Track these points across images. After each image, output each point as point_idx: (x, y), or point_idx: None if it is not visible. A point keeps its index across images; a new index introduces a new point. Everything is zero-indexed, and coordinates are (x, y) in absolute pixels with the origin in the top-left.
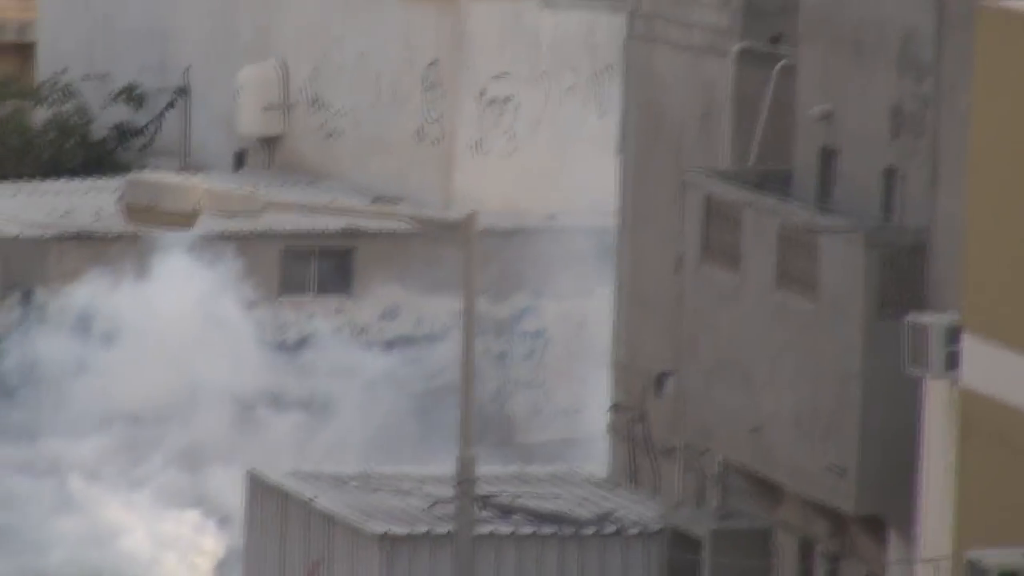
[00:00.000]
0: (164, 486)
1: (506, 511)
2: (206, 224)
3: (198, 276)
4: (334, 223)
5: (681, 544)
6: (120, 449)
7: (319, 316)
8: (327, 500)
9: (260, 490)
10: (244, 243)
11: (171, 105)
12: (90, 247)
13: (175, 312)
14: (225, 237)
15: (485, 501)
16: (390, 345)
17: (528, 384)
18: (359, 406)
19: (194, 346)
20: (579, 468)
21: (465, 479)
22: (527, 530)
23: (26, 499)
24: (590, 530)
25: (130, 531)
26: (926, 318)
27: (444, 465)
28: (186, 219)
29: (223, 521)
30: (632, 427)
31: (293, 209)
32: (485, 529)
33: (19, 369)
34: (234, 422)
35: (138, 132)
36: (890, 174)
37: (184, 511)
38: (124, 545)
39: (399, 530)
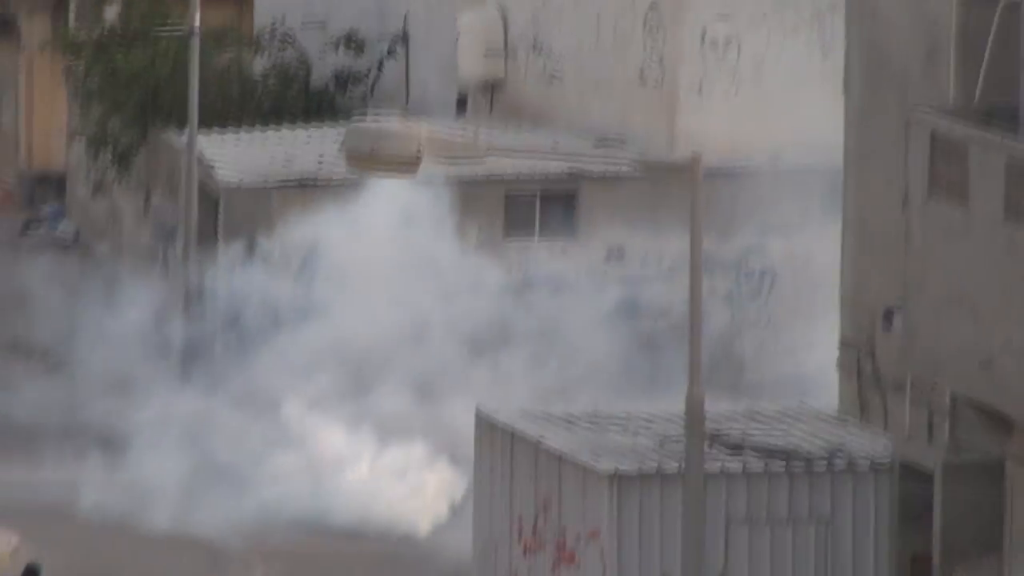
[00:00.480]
0: (392, 421)
1: (735, 448)
2: (429, 170)
3: (421, 220)
4: (557, 166)
5: (912, 478)
6: (350, 385)
7: (544, 259)
8: (556, 439)
9: (488, 429)
10: (467, 188)
11: (391, 52)
12: (312, 194)
13: (398, 254)
14: (448, 182)
15: (714, 438)
16: (615, 286)
17: (755, 322)
18: (586, 347)
19: (417, 287)
20: (808, 404)
21: (694, 417)
22: (757, 466)
23: (255, 437)
24: (820, 466)
25: (355, 463)
26: None
27: (673, 404)
28: (408, 165)
29: (452, 457)
30: (861, 363)
31: (516, 154)
32: (715, 466)
33: (246, 313)
34: (461, 361)
35: (358, 79)
36: None
37: (411, 444)
38: (349, 478)
39: (629, 468)
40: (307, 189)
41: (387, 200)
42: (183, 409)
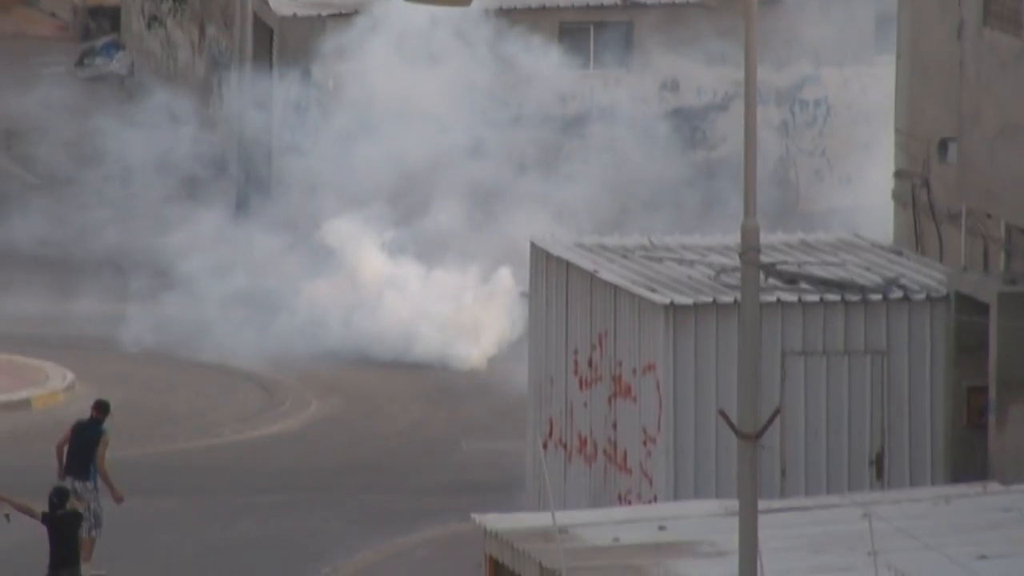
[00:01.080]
0: (446, 247)
1: (791, 279)
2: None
3: (476, 48)
4: None
5: (967, 308)
6: (405, 211)
7: (599, 88)
8: (611, 271)
9: (543, 261)
10: (522, 18)
11: None
12: (367, 23)
13: (453, 81)
14: (504, 12)
15: (770, 269)
16: (671, 115)
17: (810, 152)
18: (640, 177)
19: (470, 113)
20: (863, 235)
21: (749, 247)
22: (812, 297)
23: (305, 267)
24: (876, 296)
25: (408, 293)
26: None
27: (728, 234)
28: None
29: (506, 288)
30: (916, 193)
31: None
32: (770, 297)
33: (298, 142)
34: (516, 188)
35: None
36: None
37: (466, 272)
38: (402, 308)
39: (684, 299)
40: (362, 18)
41: (440, 28)
42: (234, 239)
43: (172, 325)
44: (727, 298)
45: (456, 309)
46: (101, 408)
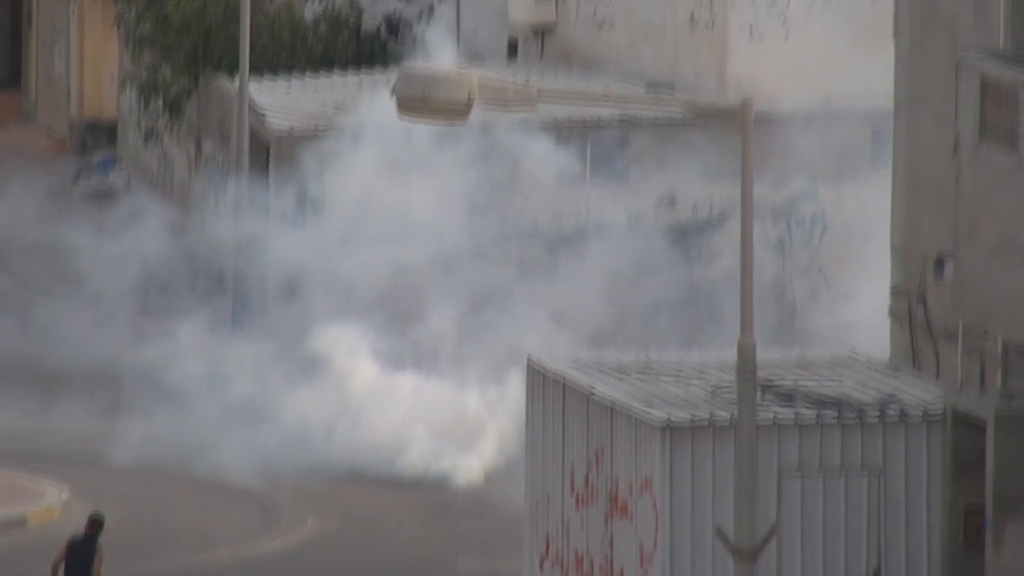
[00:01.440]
0: (442, 364)
1: (787, 396)
2: (481, 115)
3: (474, 164)
4: (608, 112)
5: (964, 427)
6: (401, 328)
7: (595, 202)
8: (608, 389)
9: (540, 379)
10: (520, 131)
11: None
12: (362, 139)
13: (448, 196)
14: (502, 126)
15: (766, 388)
16: (668, 231)
17: (806, 269)
18: (638, 292)
19: (467, 228)
20: (860, 352)
21: (746, 365)
22: (809, 416)
23: (299, 383)
24: (873, 414)
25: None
26: None
27: (725, 351)
28: (459, 111)
29: (502, 404)
30: (912, 310)
31: (567, 98)
32: (767, 415)
33: (294, 259)
34: (512, 306)
35: (409, 25)
36: None
37: (465, 392)
38: (397, 425)
39: (681, 417)
40: (357, 131)
41: (435, 144)
42: (229, 355)
43: (166, 439)
44: (724, 416)
45: (455, 417)
46: (96, 523)
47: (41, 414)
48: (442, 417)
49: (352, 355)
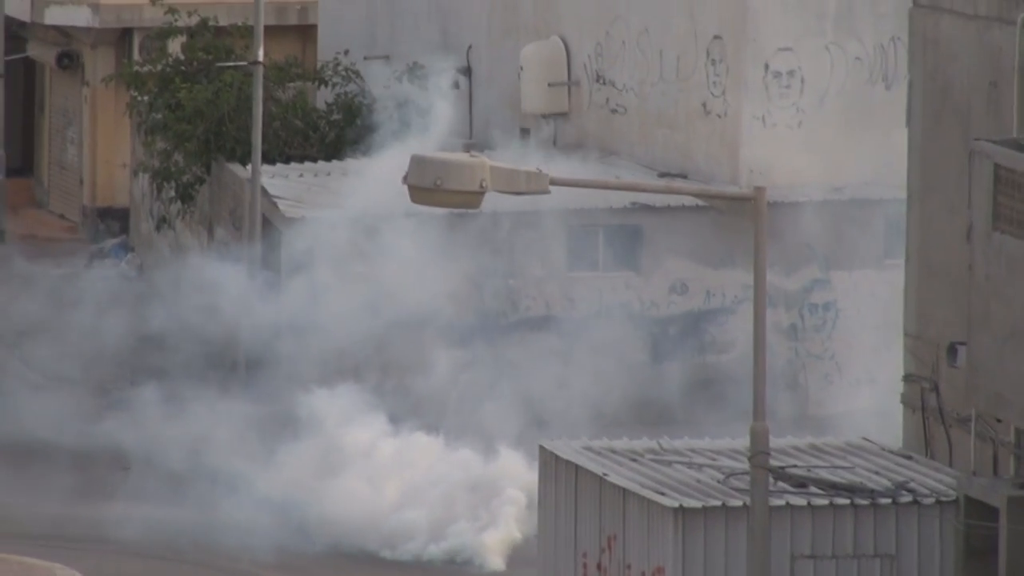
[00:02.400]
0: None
1: (800, 483)
2: (493, 202)
3: (485, 251)
4: (620, 199)
5: (977, 513)
6: (411, 418)
7: (608, 291)
8: (620, 474)
9: (552, 464)
10: (531, 219)
11: (455, 84)
12: (375, 225)
13: (459, 284)
14: (514, 214)
15: (779, 473)
16: (680, 319)
17: (819, 356)
18: (650, 377)
19: (473, 315)
20: (872, 439)
21: (759, 451)
22: (822, 501)
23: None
24: (885, 500)
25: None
26: None
27: (737, 438)
28: (472, 197)
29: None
30: (925, 397)
31: (579, 185)
32: (780, 501)
33: (306, 342)
34: (524, 392)
35: (422, 112)
36: None
37: (474, 480)
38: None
39: (693, 503)
40: (370, 221)
41: (446, 232)
42: (241, 446)
43: (180, 522)
44: (736, 502)
45: (470, 491)
46: None
47: (58, 499)
48: (455, 491)
49: (360, 425)
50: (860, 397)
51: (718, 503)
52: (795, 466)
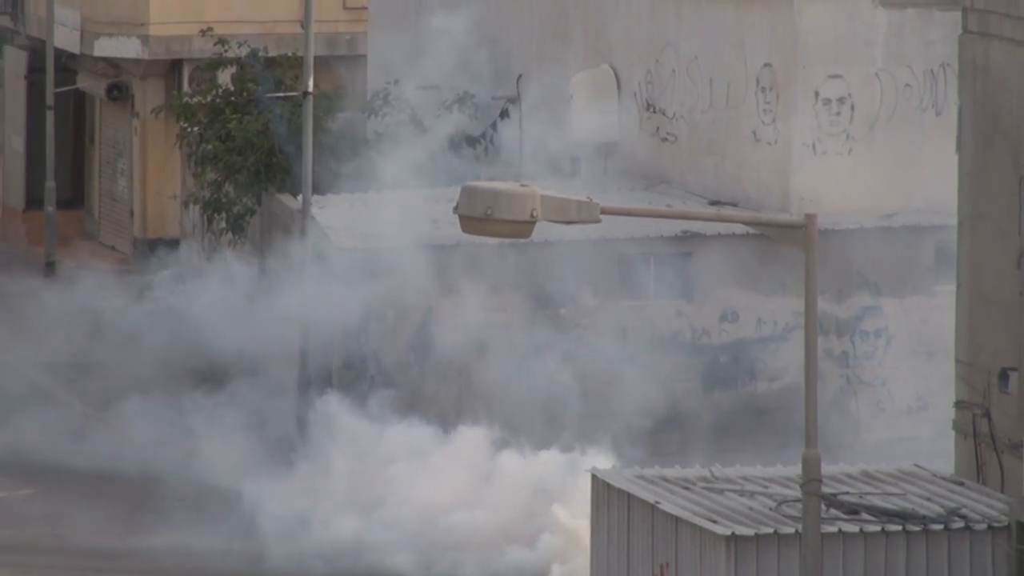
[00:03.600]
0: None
1: (852, 510)
2: (543, 231)
3: (534, 281)
4: (671, 227)
5: None
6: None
7: (658, 319)
8: (672, 502)
9: (605, 492)
10: (582, 249)
11: (504, 114)
12: (428, 255)
13: (511, 317)
14: (564, 243)
15: (831, 500)
16: (730, 347)
17: (870, 383)
18: (701, 407)
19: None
20: (924, 466)
21: (811, 478)
22: (874, 528)
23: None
24: (937, 526)
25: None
26: None
27: (789, 465)
28: (522, 227)
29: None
30: (977, 423)
31: (630, 215)
32: (832, 528)
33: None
34: (578, 420)
35: (472, 142)
36: None
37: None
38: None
39: (746, 531)
40: (422, 251)
41: (496, 253)
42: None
43: (233, 555)
44: (789, 529)
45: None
46: None
47: (113, 532)
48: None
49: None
50: (912, 424)
51: (770, 531)
52: (847, 493)
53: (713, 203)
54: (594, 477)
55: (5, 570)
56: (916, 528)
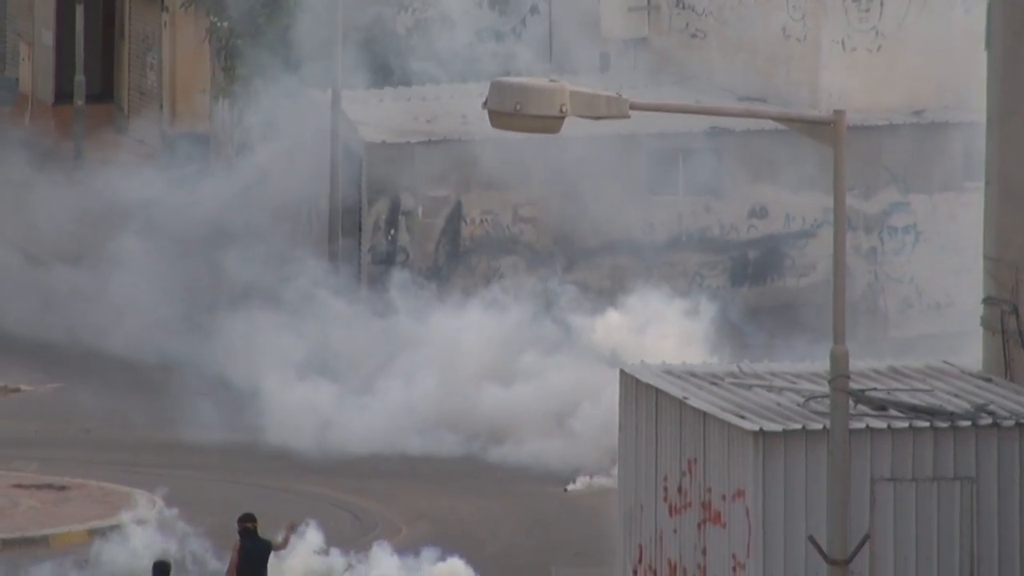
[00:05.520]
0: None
1: (880, 406)
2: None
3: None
4: (700, 123)
5: None
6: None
7: (687, 215)
8: (700, 398)
9: (633, 387)
10: (611, 144)
11: (534, 9)
12: (455, 150)
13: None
14: (593, 139)
15: (858, 396)
16: (759, 243)
17: (899, 279)
18: (729, 302)
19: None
20: (952, 362)
21: (839, 374)
22: (902, 423)
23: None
24: (965, 423)
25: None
26: None
27: (817, 361)
28: (551, 123)
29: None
30: (1005, 320)
31: (659, 111)
32: (859, 424)
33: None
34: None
35: (502, 37)
36: None
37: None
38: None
39: (773, 426)
40: (451, 146)
41: (531, 151)
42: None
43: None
44: (817, 425)
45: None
46: (249, 519)
47: (151, 424)
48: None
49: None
50: (940, 320)
51: (798, 426)
52: (875, 389)
53: (742, 99)
54: (623, 373)
55: (34, 463)
56: (944, 425)
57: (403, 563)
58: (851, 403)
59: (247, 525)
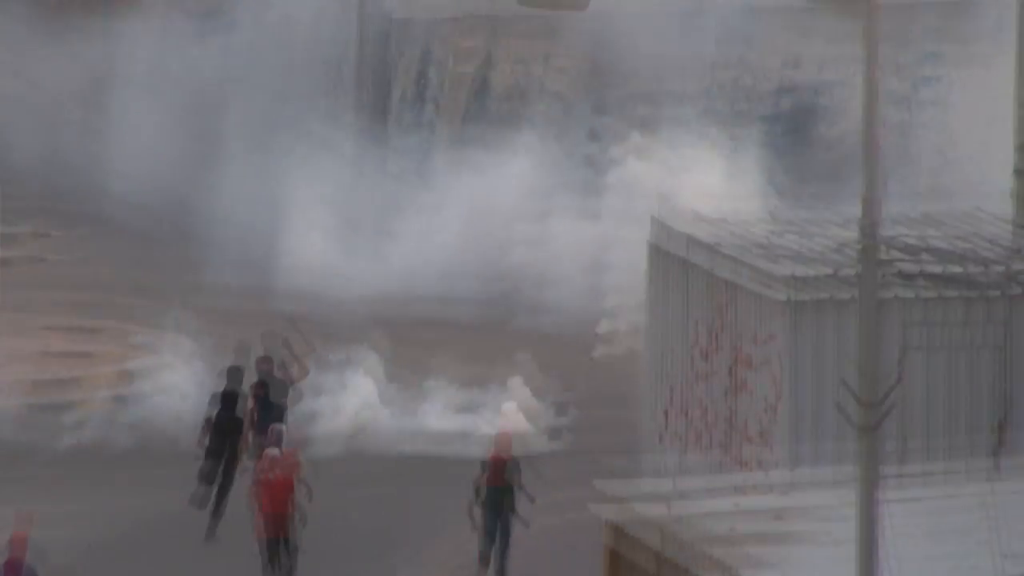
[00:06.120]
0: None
1: (914, 251)
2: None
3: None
4: None
5: None
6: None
7: (720, 65)
8: (732, 244)
9: (665, 234)
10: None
11: None
12: (483, 26)
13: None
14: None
15: (891, 242)
16: (792, 92)
17: (932, 127)
18: (764, 150)
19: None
20: (984, 209)
21: (871, 220)
22: (930, 293)
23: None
24: (994, 290)
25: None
26: None
27: (850, 208)
28: (580, 0)
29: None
30: None
31: None
32: (891, 270)
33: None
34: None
35: None
36: None
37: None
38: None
39: (805, 272)
40: (479, 21)
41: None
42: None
43: None
44: (849, 270)
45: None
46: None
47: None
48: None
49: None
50: (973, 168)
51: (830, 271)
52: (908, 235)
53: None
54: (654, 220)
55: (64, 306)
56: (972, 295)
57: None
58: (884, 249)
59: (264, 367)
